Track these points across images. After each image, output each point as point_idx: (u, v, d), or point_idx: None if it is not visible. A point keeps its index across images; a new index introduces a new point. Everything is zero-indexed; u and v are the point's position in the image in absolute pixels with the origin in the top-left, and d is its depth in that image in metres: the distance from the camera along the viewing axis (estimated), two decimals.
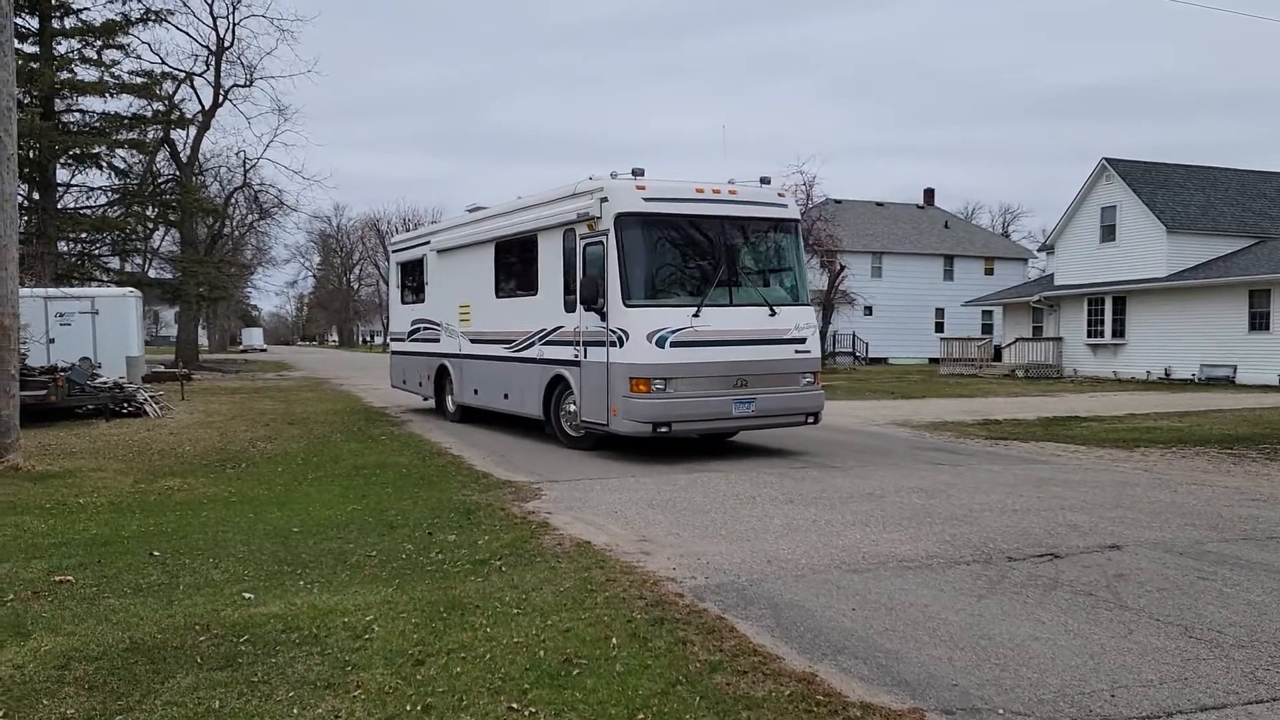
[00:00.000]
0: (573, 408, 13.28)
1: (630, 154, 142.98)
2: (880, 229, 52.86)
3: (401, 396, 22.06)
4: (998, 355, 38.77)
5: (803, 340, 12.86)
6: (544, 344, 13.84)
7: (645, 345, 11.83)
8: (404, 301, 20.17)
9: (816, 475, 10.92)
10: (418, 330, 19.11)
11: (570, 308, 12.97)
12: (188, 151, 42.89)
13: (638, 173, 12.51)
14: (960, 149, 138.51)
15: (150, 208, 38.14)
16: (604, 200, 12.29)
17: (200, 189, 43.76)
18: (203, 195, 42.90)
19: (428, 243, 18.82)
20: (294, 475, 11.24)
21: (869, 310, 47.94)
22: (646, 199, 12.21)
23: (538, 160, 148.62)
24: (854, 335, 48.59)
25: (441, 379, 18.02)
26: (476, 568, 6.70)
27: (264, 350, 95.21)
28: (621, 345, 12.03)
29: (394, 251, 21.18)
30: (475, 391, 16.53)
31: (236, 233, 57.36)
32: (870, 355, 49.56)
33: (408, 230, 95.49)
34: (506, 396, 15.26)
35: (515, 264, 15.00)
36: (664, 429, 11.89)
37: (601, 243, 12.35)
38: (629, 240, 12.15)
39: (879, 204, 56.27)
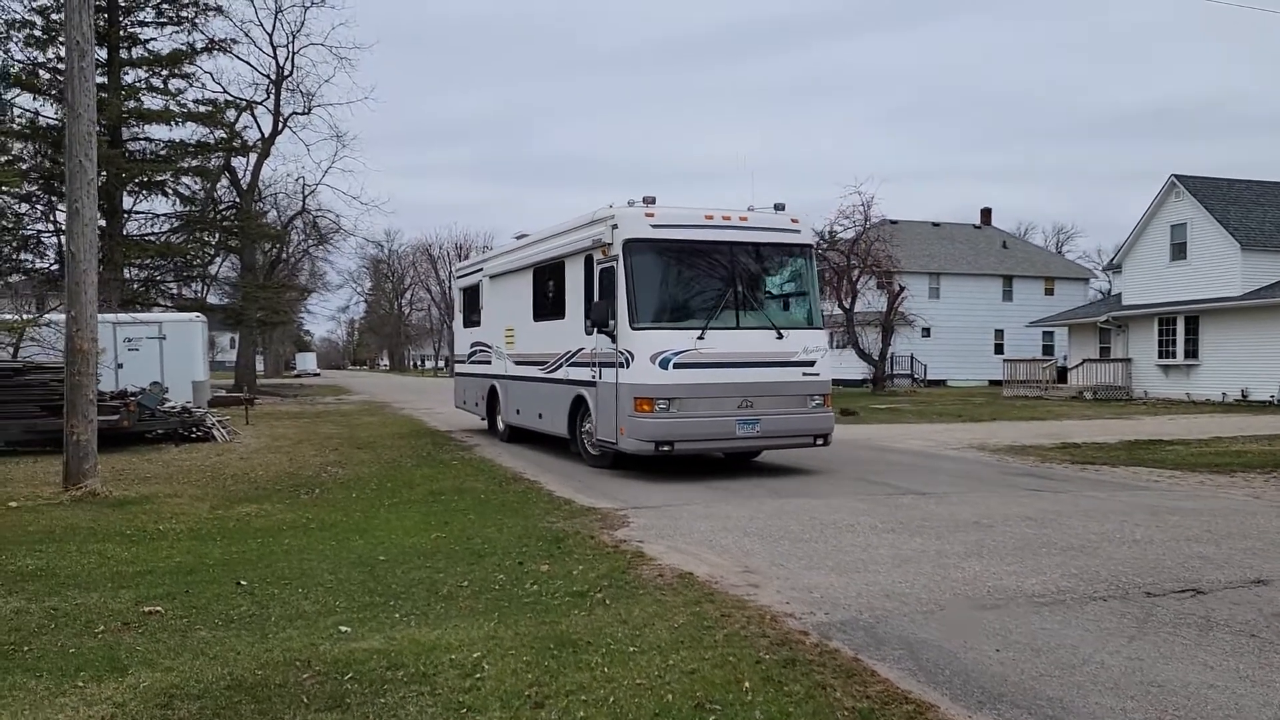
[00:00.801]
0: (590, 427, 13.72)
1: (679, 178, 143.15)
2: (937, 249, 52.09)
3: (461, 418, 22.63)
4: (1062, 377, 37.79)
5: (811, 363, 13.05)
6: (570, 365, 14.29)
7: (649, 366, 12.23)
8: (465, 326, 20.91)
9: (911, 503, 10.53)
10: (475, 353, 19.79)
11: (589, 330, 13.28)
12: (248, 178, 43.58)
13: (649, 200, 12.87)
14: (1013, 170, 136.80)
15: (213, 234, 38.71)
16: (614, 227, 12.76)
17: (260, 215, 44.37)
18: (263, 222, 43.44)
19: (481, 269, 19.64)
20: (370, 501, 11.08)
21: (927, 332, 47.12)
22: (655, 225, 12.64)
23: (586, 185, 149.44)
24: (912, 357, 47.82)
25: (492, 399, 18.59)
26: (577, 600, 6.40)
27: (317, 374, 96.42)
28: (628, 366, 12.47)
29: (457, 278, 22.13)
30: (517, 411, 17.12)
31: (293, 258, 58.11)
32: (929, 377, 48.71)
33: (459, 256, 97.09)
34: (540, 416, 15.80)
35: (549, 288, 15.44)
36: (666, 447, 12.28)
37: (613, 267, 12.78)
38: (637, 265, 12.59)
39: (935, 224, 55.49)
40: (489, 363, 18.76)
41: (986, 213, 58.88)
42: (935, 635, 5.50)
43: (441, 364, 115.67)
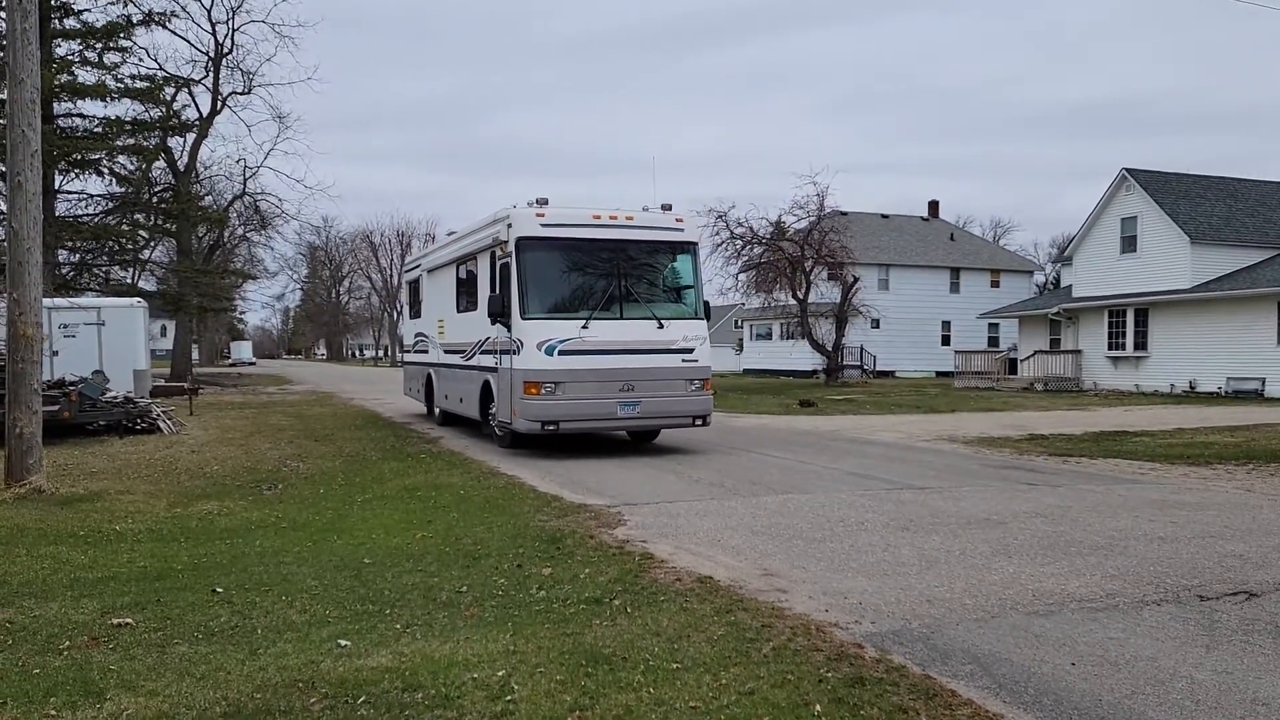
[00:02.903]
0: (494, 409, 14.94)
1: (627, 167, 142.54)
2: (886, 241, 52.33)
3: (413, 407, 23.13)
4: (1013, 369, 38.15)
5: (690, 350, 14.13)
6: (481, 353, 15.44)
7: (536, 353, 13.36)
8: (410, 317, 22.22)
9: (913, 498, 10.24)
10: (417, 343, 21.06)
11: (494, 321, 14.23)
12: (185, 159, 41.94)
13: (541, 201, 13.89)
14: (952, 164, 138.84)
15: (149, 216, 37.13)
16: (509, 225, 13.82)
17: (198, 198, 42.75)
18: (201, 205, 41.86)
19: (420, 264, 20.99)
20: (340, 498, 10.52)
21: (876, 323, 47.27)
22: (544, 224, 13.70)
23: (535, 174, 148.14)
24: (862, 348, 47.90)
25: (429, 386, 19.91)
26: (594, 608, 5.92)
27: (253, 364, 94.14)
28: (519, 353, 13.60)
29: (405, 271, 23.49)
30: (445, 396, 18.46)
31: (230, 243, 56.28)
32: (878, 368, 48.92)
33: (401, 245, 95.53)
34: (461, 400, 17.11)
35: (467, 282, 16.68)
36: (552, 426, 13.40)
37: (509, 263, 13.83)
38: (527, 261, 13.69)
39: (885, 216, 55.76)
40: (427, 352, 19.97)
41: (934, 205, 59.34)
42: (998, 647, 5.12)
43: (382, 353, 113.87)
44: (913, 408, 25.91)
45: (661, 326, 13.88)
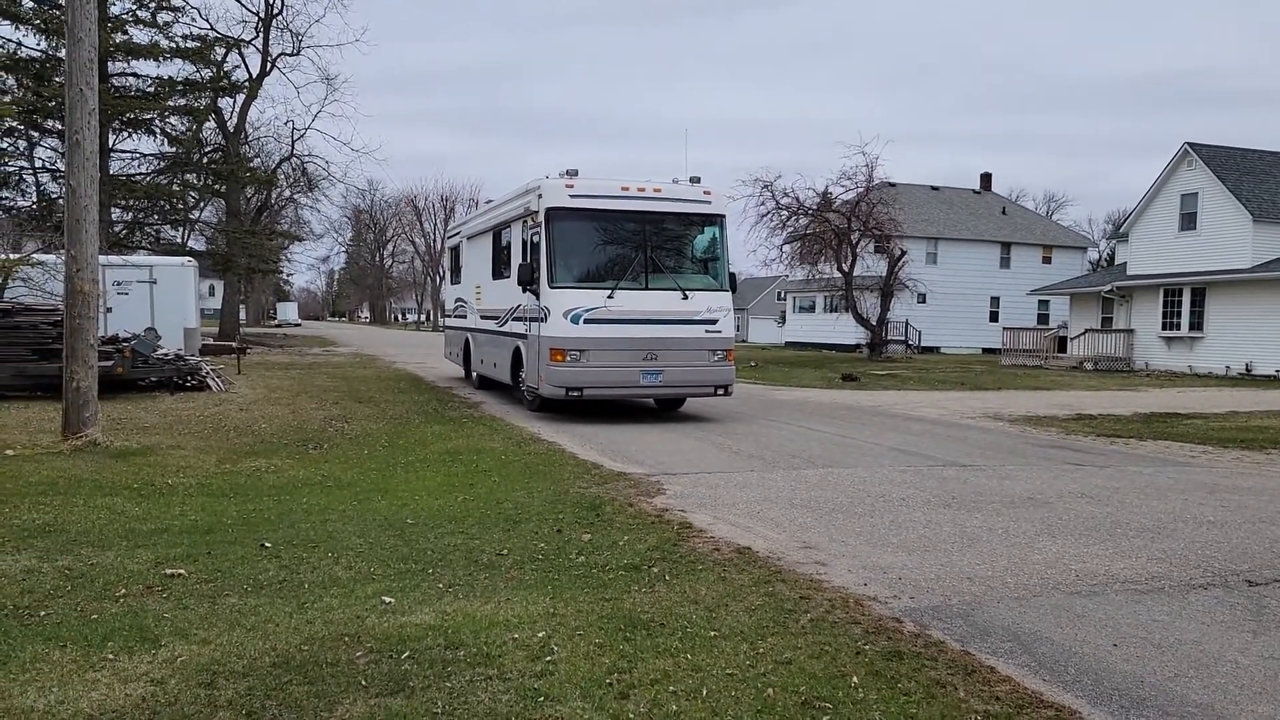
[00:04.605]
0: (523, 374, 15.36)
1: (673, 134, 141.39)
2: (936, 214, 51.57)
3: (455, 372, 23.58)
4: (1062, 347, 37.57)
5: (714, 321, 14.43)
6: (513, 320, 15.83)
7: (562, 321, 13.78)
8: (452, 282, 22.94)
9: (956, 475, 10.21)
10: (457, 308, 21.65)
11: (525, 289, 14.56)
12: (234, 120, 42.44)
13: (570, 173, 14.21)
14: (1006, 136, 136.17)
15: (200, 176, 37.66)
16: (539, 196, 14.17)
17: (246, 159, 43.27)
18: (251, 165, 42.37)
19: (460, 231, 21.56)
20: (384, 459, 10.69)
21: (922, 298, 46.55)
22: (573, 195, 14.01)
23: (581, 139, 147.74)
24: (906, 323, 47.40)
25: (467, 350, 20.47)
26: (632, 574, 6.01)
27: (298, 325, 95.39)
28: (546, 320, 13.99)
29: (447, 237, 24.31)
30: (481, 361, 19.07)
31: (277, 204, 56.97)
32: (922, 344, 48.42)
33: (445, 209, 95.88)
34: (495, 365, 17.61)
35: (502, 250, 16.99)
36: (576, 393, 13.89)
37: (539, 232, 14.21)
38: (556, 231, 14.06)
39: (935, 188, 54.91)
40: (466, 317, 20.50)
41: (986, 178, 58.30)
42: (1039, 625, 5.12)
43: (424, 318, 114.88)
44: (958, 384, 25.73)
45: (686, 297, 14.19)
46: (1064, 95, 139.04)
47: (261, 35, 41.59)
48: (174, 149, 36.03)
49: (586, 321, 13.80)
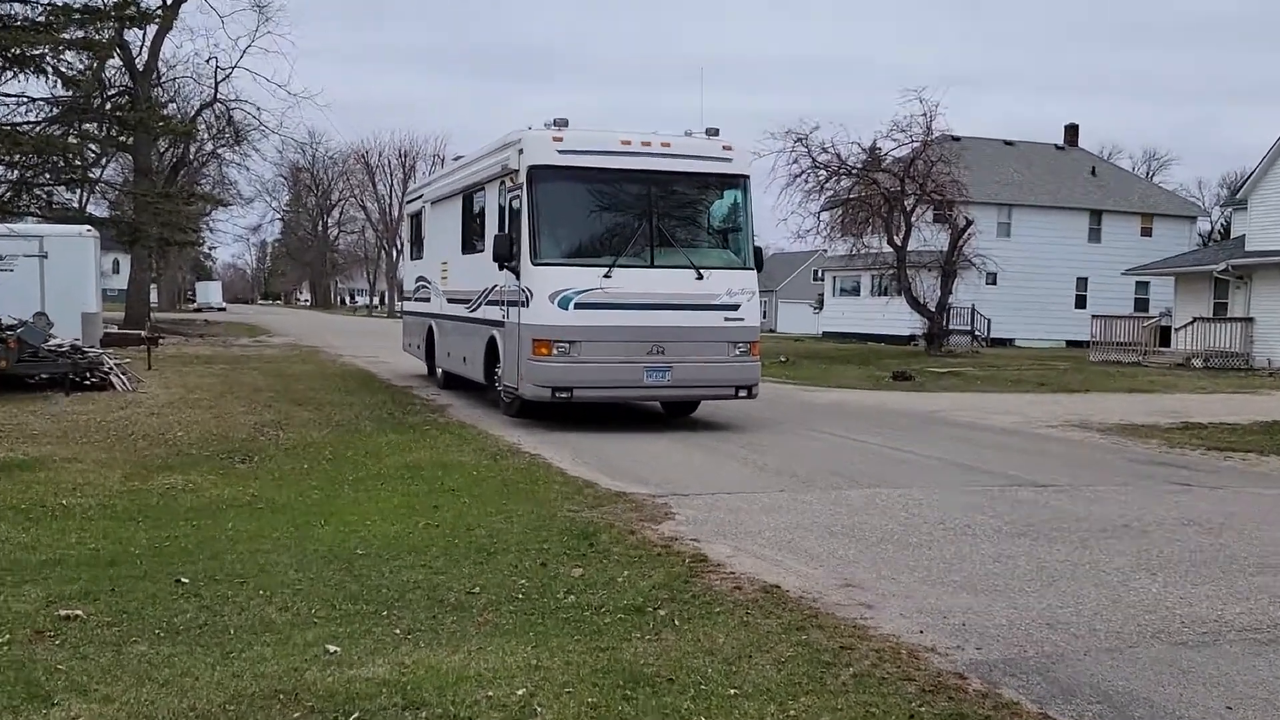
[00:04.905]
0: (499, 371, 15.36)
1: (681, 75, 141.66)
2: (1010, 175, 51.65)
3: (414, 366, 23.46)
4: (1165, 339, 37.61)
5: (735, 307, 14.35)
6: (487, 304, 15.84)
7: (548, 306, 13.67)
8: (412, 257, 22.99)
9: (1033, 497, 10.29)
10: (419, 289, 21.68)
11: (500, 266, 14.48)
12: (144, 57, 42.47)
13: (559, 123, 14.09)
14: (1096, 79, 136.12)
15: (102, 126, 37.65)
16: (520, 152, 14.13)
17: (159, 105, 43.29)
18: (164, 113, 42.41)
19: (422, 195, 21.55)
20: (328, 475, 10.78)
21: (992, 278, 46.57)
22: (562, 151, 13.92)
23: (569, 83, 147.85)
24: (973, 309, 47.44)
25: (430, 341, 20.40)
26: (634, 618, 6.04)
27: (223, 309, 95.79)
28: (528, 305, 13.92)
29: (406, 202, 24.46)
30: (448, 354, 19.08)
31: (197, 161, 57.05)
32: (992, 335, 48.46)
33: (404, 167, 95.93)
34: (465, 360, 17.60)
35: (473, 218, 17.07)
36: (564, 394, 13.82)
37: (519, 196, 14.16)
38: (541, 194, 13.97)
39: (1008, 143, 55.05)
40: (429, 300, 20.54)
41: (1072, 130, 58.36)
42: (1136, 683, 5.15)
43: (378, 301, 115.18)
44: (1035, 385, 25.78)
45: (701, 277, 14.15)
46: (1170, 27, 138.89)
47: None
48: (69, 92, 35.93)
49: (578, 306, 13.72)
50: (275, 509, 9.06)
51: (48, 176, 35.25)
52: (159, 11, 40.94)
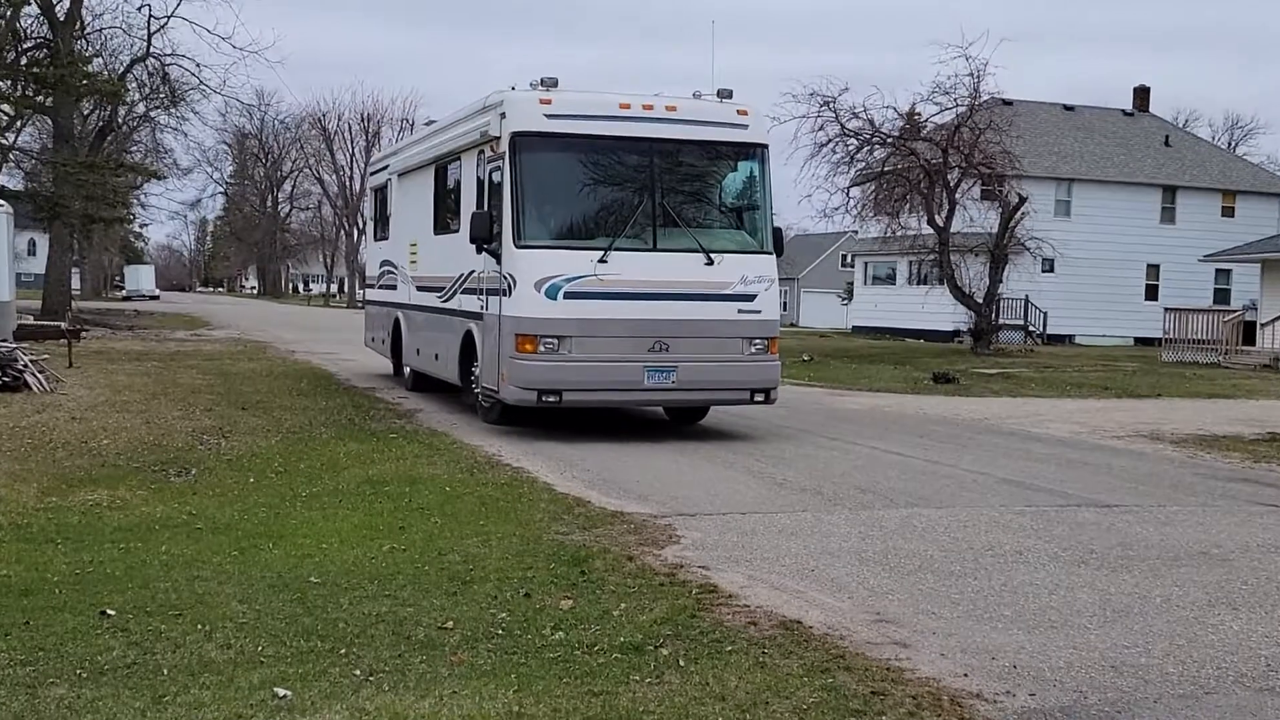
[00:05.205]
0: (477, 371, 15.41)
1: (690, 27, 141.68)
2: (1069, 145, 51.72)
3: (378, 364, 23.80)
4: (1248, 336, 37.62)
5: (751, 297, 14.41)
6: (463, 293, 16.01)
7: (533, 295, 13.73)
8: (376, 238, 23.43)
9: (1095, 519, 10.34)
10: (383, 274, 22.09)
11: (479, 249, 14.64)
12: (65, 4, 42.46)
13: (547, 83, 14.19)
14: (1172, 34, 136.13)
15: (16, 84, 37.75)
16: (503, 116, 14.19)
17: (82, 60, 43.28)
18: (88, 70, 42.40)
19: (389, 166, 21.88)
20: (278, 490, 10.83)
21: (1050, 265, 46.61)
22: (551, 115, 13.99)
23: (560, 36, 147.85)
24: (1026, 301, 47.53)
25: (397, 335, 20.60)
26: (632, 658, 6.07)
27: (155, 297, 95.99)
28: (510, 294, 14.00)
29: (370, 175, 24.58)
30: (417, 351, 19.28)
31: (125, 126, 57.06)
32: (1049, 330, 48.48)
33: (367, 134, 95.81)
34: (436, 357, 17.73)
35: (448, 192, 17.33)
36: (552, 398, 13.84)
37: (500, 168, 14.30)
38: (526, 165, 14.06)
39: (1068, 108, 55.17)
40: (395, 288, 20.86)
41: (1142, 94, 58.43)
42: None
43: (336, 289, 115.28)
44: (1099, 389, 25.87)
45: (711, 262, 14.22)
46: None
47: None
48: None
49: (568, 296, 13.77)
50: (216, 529, 9.07)
51: None
52: None
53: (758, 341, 14.48)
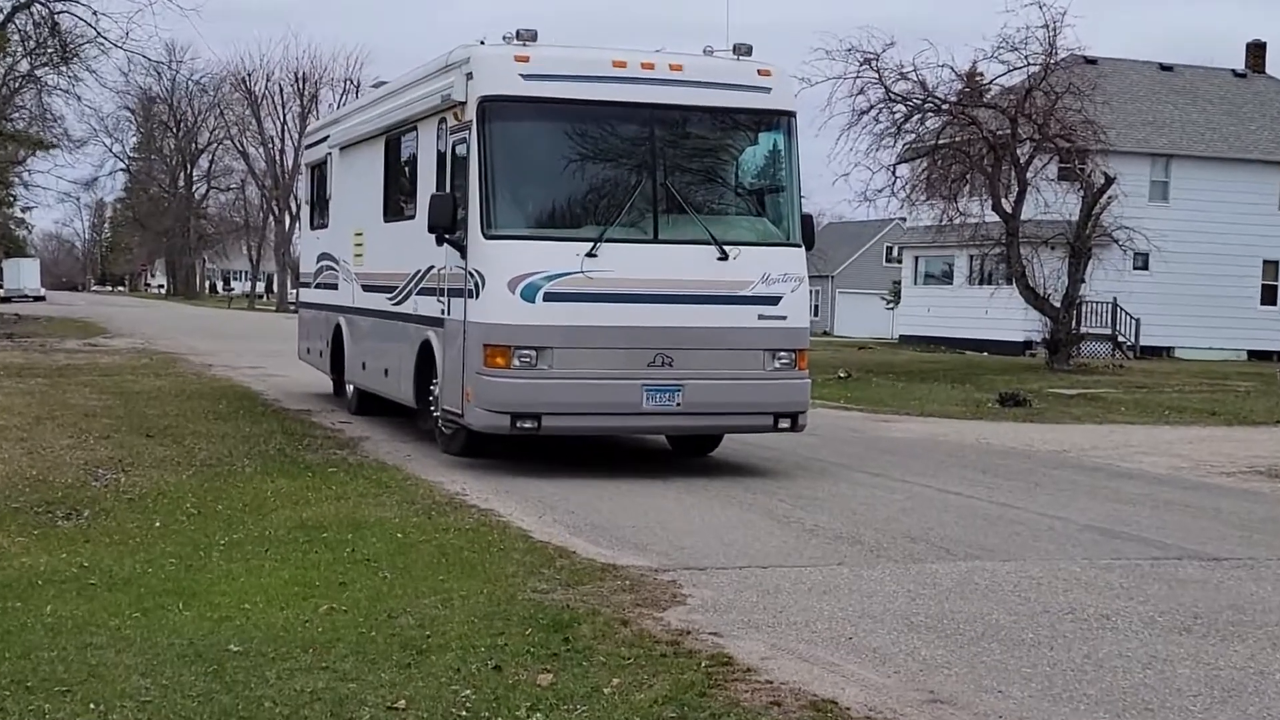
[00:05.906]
0: (436, 389, 15.40)
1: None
2: (1166, 113, 51.84)
3: (314, 380, 23.96)
4: None
5: (774, 299, 14.40)
6: (419, 294, 16.15)
7: (505, 297, 13.74)
8: (313, 226, 23.85)
9: (1201, 575, 10.38)
10: (321, 270, 22.40)
11: (440, 240, 14.59)
12: None
13: (524, 37, 14.17)
14: None
15: None
16: (470, 76, 14.22)
17: None
18: None
19: (328, 138, 21.97)
20: (190, 538, 10.78)
21: (1143, 261, 46.66)
22: (528, 75, 13.99)
23: None
24: (1114, 305, 47.55)
25: (338, 346, 20.62)
26: None
27: (41, 298, 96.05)
28: (478, 295, 14.04)
29: (306, 148, 25.04)
30: (364, 365, 19.37)
31: (6, 88, 57.24)
32: (1142, 342, 48.50)
33: (302, 98, 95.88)
34: (386, 373, 17.85)
35: (402, 170, 17.63)
36: (530, 424, 13.75)
37: (465, 140, 14.38)
38: (497, 137, 14.11)
39: (1165, 67, 55.25)
40: (336, 287, 21.08)
41: (1257, 50, 58.56)
42: None
43: (263, 288, 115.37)
44: (1204, 414, 25.98)
45: (726, 257, 14.20)
46: None
47: None
48: None
49: (550, 298, 13.75)
50: (114, 586, 9.04)
51: None
52: None
53: (783, 354, 14.46)
